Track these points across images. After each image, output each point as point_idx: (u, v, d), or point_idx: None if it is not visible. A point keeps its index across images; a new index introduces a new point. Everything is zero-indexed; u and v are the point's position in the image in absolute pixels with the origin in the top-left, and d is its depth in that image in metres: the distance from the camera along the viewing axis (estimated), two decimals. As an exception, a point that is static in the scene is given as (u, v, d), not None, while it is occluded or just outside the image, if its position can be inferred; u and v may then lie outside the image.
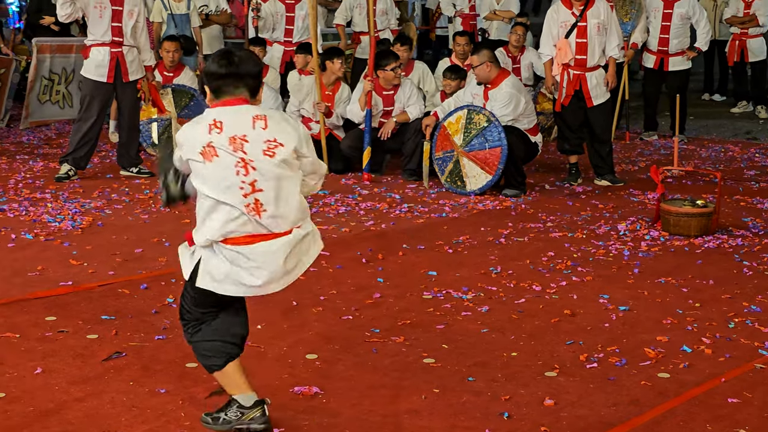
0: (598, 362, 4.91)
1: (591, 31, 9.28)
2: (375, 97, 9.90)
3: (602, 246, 7.24)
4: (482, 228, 7.78)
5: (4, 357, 4.86)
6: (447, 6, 14.91)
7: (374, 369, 4.82)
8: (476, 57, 9.17)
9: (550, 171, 10.38)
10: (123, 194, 8.88)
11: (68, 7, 9.15)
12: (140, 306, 5.72)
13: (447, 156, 9.23)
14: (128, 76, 9.49)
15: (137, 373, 4.70)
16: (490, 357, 4.99)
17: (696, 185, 9.53)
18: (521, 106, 9.12)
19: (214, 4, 12.62)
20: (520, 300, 5.93)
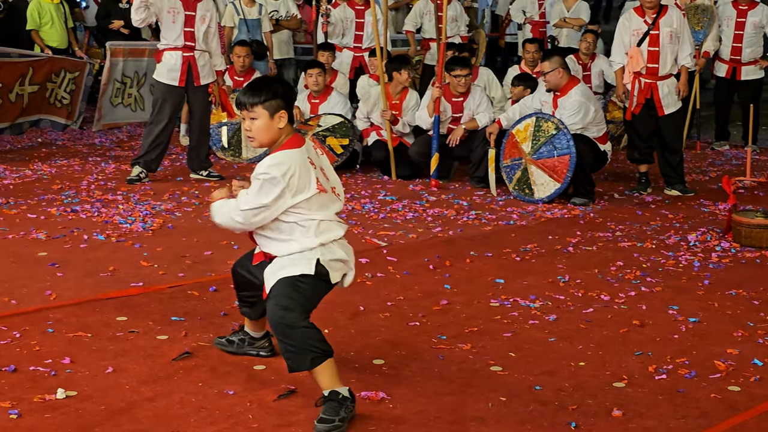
0: (667, 374, 4.86)
1: (663, 40, 9.20)
2: (444, 104, 9.90)
3: (672, 256, 7.17)
4: (550, 236, 7.74)
5: (77, 356, 4.92)
6: (517, 13, 14.87)
7: (441, 376, 4.82)
8: (548, 63, 9.13)
9: (619, 180, 10.30)
10: (193, 197, 8.98)
11: (142, 12, 9.27)
12: (209, 308, 5.77)
13: (515, 163, 9.20)
14: (200, 80, 9.60)
15: (206, 375, 4.74)
16: (557, 366, 4.96)
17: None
18: (590, 114, 9.06)
19: (284, 9, 12.72)
20: (588, 309, 5.89)
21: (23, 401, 4.35)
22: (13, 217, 8.01)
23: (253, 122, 4.33)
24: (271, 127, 4.33)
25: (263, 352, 4.97)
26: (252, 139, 4.40)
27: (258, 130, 4.34)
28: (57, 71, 12.49)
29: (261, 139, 4.37)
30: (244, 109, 4.36)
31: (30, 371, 4.71)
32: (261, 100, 4.30)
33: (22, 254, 6.90)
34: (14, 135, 12.29)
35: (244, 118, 4.38)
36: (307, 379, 4.67)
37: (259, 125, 4.33)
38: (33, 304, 5.74)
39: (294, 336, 4.21)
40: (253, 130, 4.35)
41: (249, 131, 4.37)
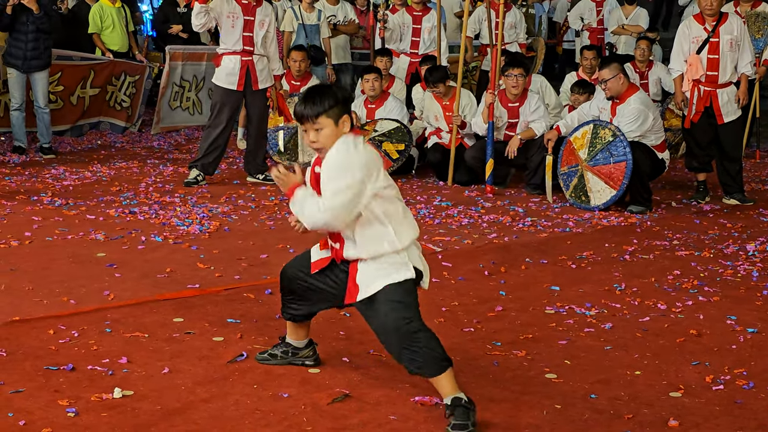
0: (725, 384, 4.81)
1: (723, 47, 9.12)
2: (500, 109, 9.88)
3: (730, 266, 7.09)
4: (606, 244, 7.69)
5: (134, 356, 4.97)
6: (575, 20, 14.81)
7: (495, 382, 4.80)
8: (607, 70, 9.06)
9: (677, 188, 10.22)
10: (249, 200, 9.03)
11: (203, 17, 9.35)
12: (264, 311, 5.80)
13: (572, 170, 9.16)
14: (258, 84, 9.66)
15: (261, 377, 4.76)
16: (612, 375, 4.93)
17: (830, 206, 9.28)
18: (649, 122, 8.99)
19: (342, 14, 12.77)
20: (644, 318, 5.84)
21: (81, 400, 4.40)
22: (73, 218, 8.11)
23: (320, 132, 4.31)
24: (338, 133, 4.32)
25: (308, 362, 4.94)
26: (321, 149, 4.35)
27: (326, 139, 4.31)
28: (117, 74, 12.65)
29: (330, 147, 4.34)
30: (307, 121, 4.33)
31: (88, 370, 4.76)
32: (324, 110, 4.29)
33: (80, 255, 6.98)
34: (74, 137, 12.45)
35: (307, 131, 4.34)
36: (362, 383, 4.69)
37: (326, 134, 4.31)
38: (91, 304, 5.80)
39: (421, 341, 4.23)
40: (321, 140, 4.32)
41: (316, 142, 4.33)
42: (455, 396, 4.23)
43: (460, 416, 4.18)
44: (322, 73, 12.20)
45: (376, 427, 4.23)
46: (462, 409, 4.20)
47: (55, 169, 10.37)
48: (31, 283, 6.22)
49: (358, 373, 4.84)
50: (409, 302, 4.31)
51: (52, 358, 4.92)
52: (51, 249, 7.14)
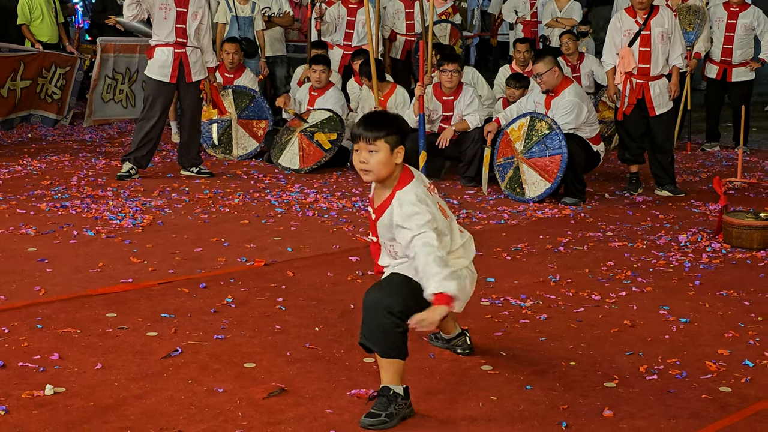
0: (658, 374, 4.85)
1: (655, 40, 9.20)
2: (434, 102, 9.89)
3: (663, 257, 7.17)
4: (541, 236, 7.73)
5: (65, 352, 4.90)
6: (509, 12, 14.88)
7: (431, 374, 4.80)
8: (542, 64, 9.09)
9: (610, 180, 10.31)
10: (183, 194, 8.95)
11: (134, 8, 9.25)
12: (199, 305, 5.75)
13: (507, 162, 9.20)
14: (191, 76, 9.58)
15: (195, 372, 4.72)
16: (548, 366, 4.95)
17: (759, 198, 9.41)
18: (584, 114, 9.05)
19: (276, 6, 12.70)
20: (579, 309, 5.88)
21: (11, 397, 4.33)
22: (3, 212, 7.97)
23: (372, 155, 4.22)
24: (389, 162, 4.25)
25: (459, 350, 5.05)
26: (367, 172, 4.27)
27: (377, 163, 4.23)
28: (48, 66, 12.46)
29: (378, 173, 4.27)
30: (363, 141, 4.25)
31: (18, 367, 4.69)
32: (384, 134, 4.22)
33: (11, 249, 6.87)
34: (5, 130, 12.25)
35: (360, 151, 4.26)
36: (298, 377, 4.67)
37: (378, 159, 4.23)
38: (22, 300, 5.71)
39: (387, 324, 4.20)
40: (371, 163, 4.23)
41: (365, 164, 4.24)
42: (385, 385, 4.24)
43: (377, 405, 4.20)
44: (256, 65, 12.13)
45: (312, 420, 4.20)
46: (383, 399, 4.21)
47: (-16, 162, 10.20)
48: (-40, 279, 6.11)
49: (294, 367, 4.81)
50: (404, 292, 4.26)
51: (-18, 355, 4.84)
52: (-20, 244, 7.02)
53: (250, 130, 10.96)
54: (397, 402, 4.21)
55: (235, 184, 9.46)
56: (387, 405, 4.19)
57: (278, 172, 10.18)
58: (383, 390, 4.23)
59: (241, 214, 8.23)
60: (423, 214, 4.21)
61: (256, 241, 7.30)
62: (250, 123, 10.98)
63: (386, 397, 4.21)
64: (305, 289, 6.13)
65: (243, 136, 10.97)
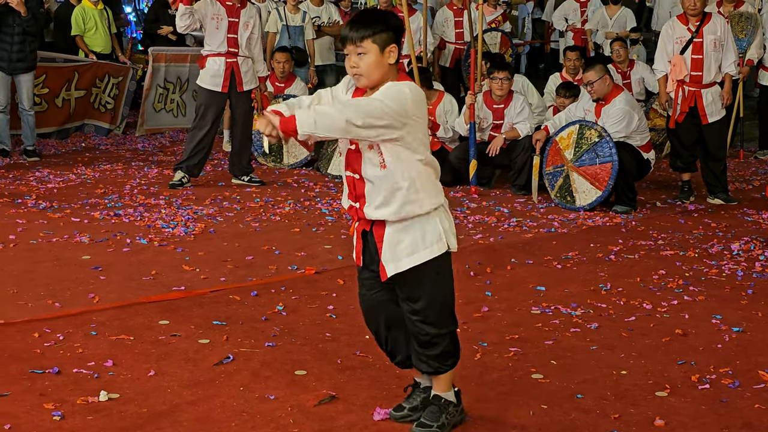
0: (711, 384, 4.82)
1: (707, 47, 9.12)
2: (485, 111, 9.89)
3: (715, 265, 7.11)
4: (592, 244, 7.70)
5: (119, 359, 4.96)
6: (558, 20, 14.87)
7: (481, 383, 4.80)
8: (593, 72, 9.05)
9: (661, 188, 10.24)
10: (234, 202, 9.02)
11: (187, 19, 9.35)
12: (250, 313, 5.79)
13: (557, 171, 9.17)
14: (243, 86, 9.65)
15: (247, 379, 4.75)
16: (599, 374, 4.93)
17: (813, 205, 9.31)
18: (634, 122, 9.00)
19: (326, 15, 12.77)
20: (630, 318, 5.85)
21: (66, 403, 4.39)
22: (57, 220, 8.08)
23: (361, 58, 3.88)
24: (381, 63, 3.90)
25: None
26: (359, 77, 3.93)
27: (367, 66, 3.89)
28: (101, 76, 12.62)
29: (370, 77, 3.92)
30: (351, 43, 3.89)
31: (73, 373, 4.75)
32: (371, 33, 3.87)
33: (65, 257, 6.96)
34: (59, 140, 12.41)
35: (349, 54, 3.92)
36: (348, 385, 4.69)
37: (368, 61, 3.89)
38: (76, 307, 5.78)
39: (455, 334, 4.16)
40: (362, 67, 3.89)
41: (356, 68, 3.89)
42: (437, 394, 4.21)
43: (429, 416, 4.16)
44: (305, 74, 12.20)
45: (362, 428, 4.22)
46: (434, 407, 4.18)
47: (39, 171, 10.33)
48: (16, 287, 6.20)
49: (345, 374, 4.83)
50: (447, 288, 4.12)
51: (38, 361, 4.91)
52: (36, 252, 7.11)
53: (301, 138, 11.01)
54: (448, 411, 4.19)
55: (286, 193, 9.51)
56: (439, 415, 4.16)
57: (328, 181, 10.22)
58: (435, 399, 4.21)
59: (292, 222, 8.28)
60: (380, 105, 3.79)
61: (306, 249, 7.33)
62: (301, 131, 11.02)
63: (438, 407, 4.18)
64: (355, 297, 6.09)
65: (294, 145, 11.00)
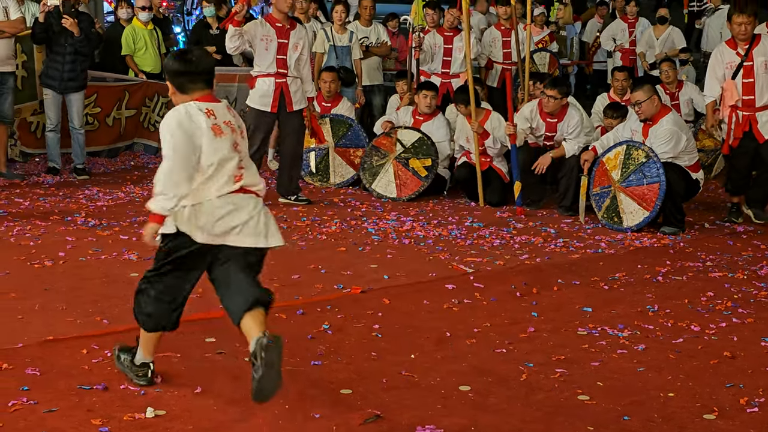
0: (759, 407, 4.77)
1: (758, 70, 9.01)
2: (538, 121, 9.89)
3: (764, 287, 7.04)
4: (639, 265, 7.65)
5: (166, 375, 4.99)
6: (607, 40, 14.84)
7: (527, 403, 4.78)
8: (641, 92, 8.98)
9: (709, 209, 10.15)
10: (281, 221, 9.04)
11: (236, 40, 9.42)
12: (296, 331, 5.80)
13: (604, 191, 9.13)
14: (292, 106, 9.71)
15: (293, 397, 4.76)
16: (646, 397, 4.90)
17: None
18: (682, 143, 8.93)
19: (374, 36, 12.81)
20: (677, 340, 5.80)
21: (113, 419, 4.43)
22: (106, 238, 8.16)
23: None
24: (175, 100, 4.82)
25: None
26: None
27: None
28: (151, 95, 12.73)
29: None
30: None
31: (120, 390, 4.79)
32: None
33: (114, 275, 7.02)
34: (109, 158, 12.53)
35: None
36: (393, 405, 4.69)
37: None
38: (124, 324, 5.81)
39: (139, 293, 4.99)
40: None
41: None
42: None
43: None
44: (353, 94, 12.24)
45: (407, 448, 4.22)
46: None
47: (88, 189, 10.44)
48: (65, 303, 6.26)
49: (390, 394, 4.84)
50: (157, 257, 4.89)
51: (86, 377, 4.95)
52: (84, 269, 7.19)
53: (347, 158, 11.05)
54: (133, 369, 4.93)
55: (333, 212, 9.54)
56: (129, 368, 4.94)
57: (375, 200, 10.23)
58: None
59: (338, 241, 8.30)
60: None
61: (352, 268, 7.35)
62: (348, 151, 11.07)
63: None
64: (401, 317, 6.15)
65: (340, 164, 11.07)
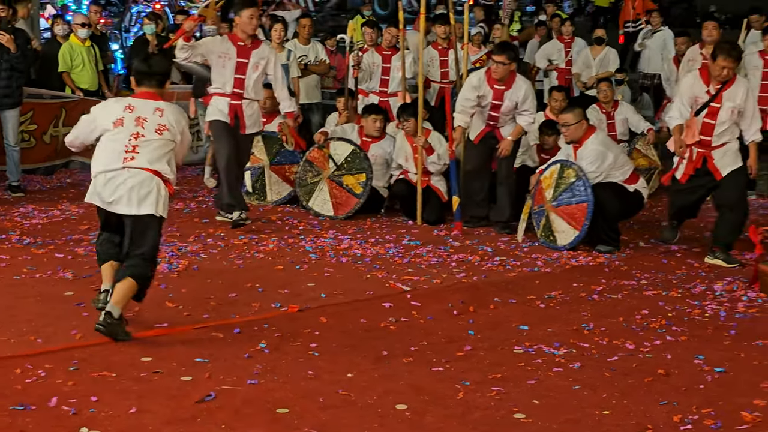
0: (693, 424, 4.83)
1: (722, 115, 8.49)
2: (486, 89, 9.77)
3: (698, 306, 7.13)
4: (575, 283, 7.72)
5: (101, 395, 4.94)
6: (541, 60, 14.98)
7: (464, 422, 4.80)
8: (571, 116, 9.04)
9: (644, 228, 10.26)
10: (218, 239, 9.00)
11: (186, 52, 9.12)
12: (233, 350, 5.78)
13: (541, 210, 9.20)
14: (245, 129, 9.47)
15: (229, 417, 4.74)
16: (581, 414, 4.94)
17: (795, 247, 9.32)
18: (608, 160, 8.92)
19: (313, 54, 12.82)
20: (612, 358, 5.86)
21: (47, 440, 4.38)
22: (41, 256, 8.06)
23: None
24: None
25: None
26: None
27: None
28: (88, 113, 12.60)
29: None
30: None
31: (54, 410, 4.73)
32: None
33: (48, 293, 6.94)
34: (45, 176, 12.39)
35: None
36: (330, 424, 4.69)
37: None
38: (59, 343, 5.77)
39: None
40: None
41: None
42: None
43: None
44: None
45: (344, 467, 4.22)
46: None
47: (23, 207, 10.31)
48: (-2, 322, 6.18)
49: (327, 413, 4.83)
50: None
51: (18, 397, 4.89)
52: (19, 288, 7.10)
53: (283, 175, 11.01)
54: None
55: (270, 230, 9.50)
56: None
57: (312, 218, 10.21)
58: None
59: (276, 259, 8.28)
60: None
61: (290, 287, 7.33)
62: (283, 168, 11.02)
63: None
64: (338, 335, 6.15)
65: (276, 182, 11.02)
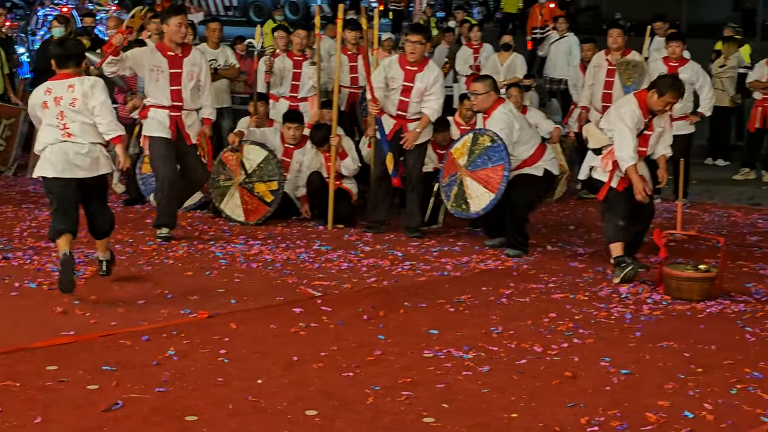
0: (599, 426, 4.90)
1: (652, 140, 8.61)
2: (396, 70, 9.78)
3: (604, 308, 7.24)
4: (484, 287, 7.78)
5: (5, 405, 4.85)
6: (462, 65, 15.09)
7: (374, 427, 4.80)
8: (481, 85, 9.11)
9: (552, 232, 10.38)
10: (127, 245, 8.89)
11: (114, 66, 8.82)
12: (141, 357, 5.71)
13: (452, 180, 9.16)
14: (191, 139, 9.24)
15: (136, 425, 4.69)
16: (490, 418, 4.98)
17: (698, 250, 9.51)
18: (515, 132, 8.91)
19: (222, 58, 12.72)
20: (521, 361, 5.92)
21: (-52, 452, 4.28)
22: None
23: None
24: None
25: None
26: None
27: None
28: (-5, 115, 12.39)
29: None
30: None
31: (-44, 421, 4.64)
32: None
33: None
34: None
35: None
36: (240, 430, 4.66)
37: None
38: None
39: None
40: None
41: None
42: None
43: None
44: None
45: (253, 474, 4.19)
46: None
47: (-76, 213, 10.09)
48: None
49: (236, 420, 4.80)
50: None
51: None
52: None
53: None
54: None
55: (180, 235, 9.41)
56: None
57: (223, 224, 10.13)
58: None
59: (185, 265, 8.20)
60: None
61: (199, 293, 7.27)
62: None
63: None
64: (248, 342, 6.11)
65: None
